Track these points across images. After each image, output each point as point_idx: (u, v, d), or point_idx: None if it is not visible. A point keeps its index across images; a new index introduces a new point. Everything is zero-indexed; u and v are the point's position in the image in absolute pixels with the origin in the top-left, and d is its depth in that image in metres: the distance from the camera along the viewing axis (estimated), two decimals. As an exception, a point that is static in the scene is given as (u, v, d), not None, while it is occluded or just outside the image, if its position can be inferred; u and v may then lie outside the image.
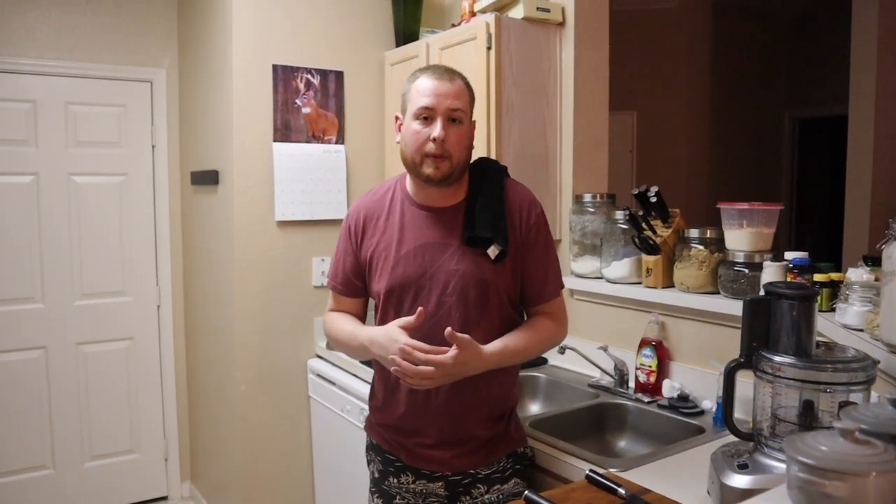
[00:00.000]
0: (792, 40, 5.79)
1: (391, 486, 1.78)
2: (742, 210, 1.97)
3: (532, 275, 1.73)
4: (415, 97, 1.64)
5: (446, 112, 1.62)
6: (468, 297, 1.65)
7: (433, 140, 1.60)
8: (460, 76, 1.69)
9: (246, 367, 2.94)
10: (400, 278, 1.68)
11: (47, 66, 3.25)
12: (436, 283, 1.66)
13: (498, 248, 1.65)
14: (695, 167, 5.14)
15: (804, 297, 1.35)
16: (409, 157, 1.65)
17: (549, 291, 1.76)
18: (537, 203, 1.76)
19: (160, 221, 3.57)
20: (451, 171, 1.64)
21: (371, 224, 1.76)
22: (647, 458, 1.74)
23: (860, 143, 3.86)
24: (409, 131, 1.65)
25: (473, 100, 1.72)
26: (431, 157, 1.61)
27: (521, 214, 1.71)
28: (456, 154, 1.63)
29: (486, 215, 1.66)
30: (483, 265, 1.66)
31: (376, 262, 1.73)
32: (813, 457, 0.93)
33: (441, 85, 1.63)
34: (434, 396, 1.67)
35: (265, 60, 2.86)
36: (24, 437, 3.31)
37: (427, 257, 1.67)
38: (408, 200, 1.74)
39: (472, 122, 1.71)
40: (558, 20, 2.54)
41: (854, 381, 1.28)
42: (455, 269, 1.66)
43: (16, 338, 3.28)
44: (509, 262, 1.68)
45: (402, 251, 1.69)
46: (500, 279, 1.68)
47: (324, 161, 2.99)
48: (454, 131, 1.63)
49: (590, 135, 2.60)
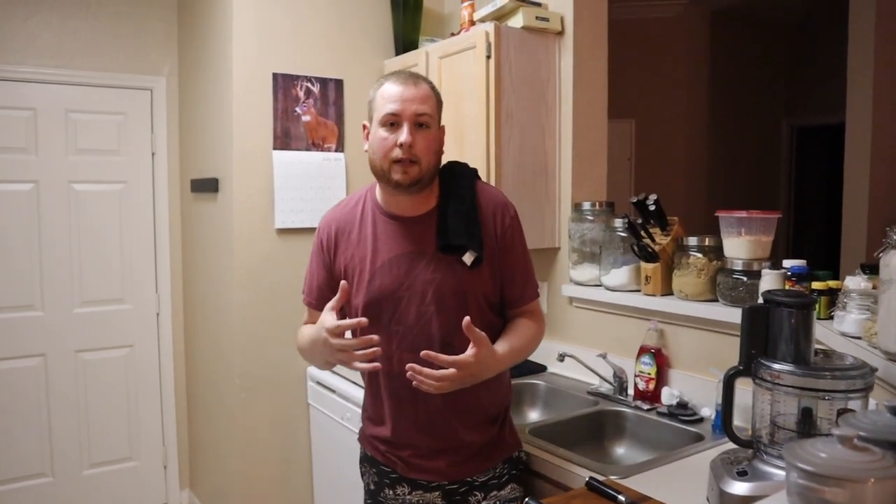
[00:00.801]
0: (790, 49, 5.81)
1: (387, 497, 1.77)
2: (740, 218, 1.98)
3: (512, 277, 1.72)
4: (380, 104, 1.62)
5: (412, 117, 1.60)
6: (448, 306, 1.63)
7: (400, 146, 1.58)
8: (426, 81, 1.67)
9: (245, 375, 2.94)
10: (377, 291, 1.66)
11: (47, 74, 3.26)
12: (414, 294, 1.64)
13: (473, 255, 1.63)
14: (693, 175, 5.16)
15: (802, 305, 1.35)
16: (378, 164, 1.63)
17: (529, 292, 1.75)
18: (510, 205, 1.74)
19: (160, 229, 3.58)
20: (420, 176, 1.61)
21: (343, 237, 1.74)
22: (647, 466, 1.74)
23: (857, 151, 3.87)
24: (377, 138, 1.62)
25: (441, 105, 1.70)
26: (399, 163, 1.59)
27: (496, 218, 1.70)
28: (425, 159, 1.61)
29: (458, 222, 1.64)
30: (460, 272, 1.65)
31: (351, 276, 1.70)
32: (812, 463, 0.93)
33: (406, 90, 1.61)
34: (422, 407, 1.66)
35: (265, 68, 2.88)
36: (23, 445, 3.31)
37: (403, 268, 1.66)
38: (378, 211, 1.71)
39: (441, 128, 1.69)
40: (557, 29, 2.55)
41: (852, 388, 1.29)
42: (432, 277, 1.64)
43: (15, 345, 3.28)
44: (487, 266, 1.67)
45: (377, 264, 1.67)
46: (479, 285, 1.67)
47: (323, 169, 3.00)
48: (422, 136, 1.61)
49: (589, 143, 2.61)
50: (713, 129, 5.28)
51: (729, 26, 5.29)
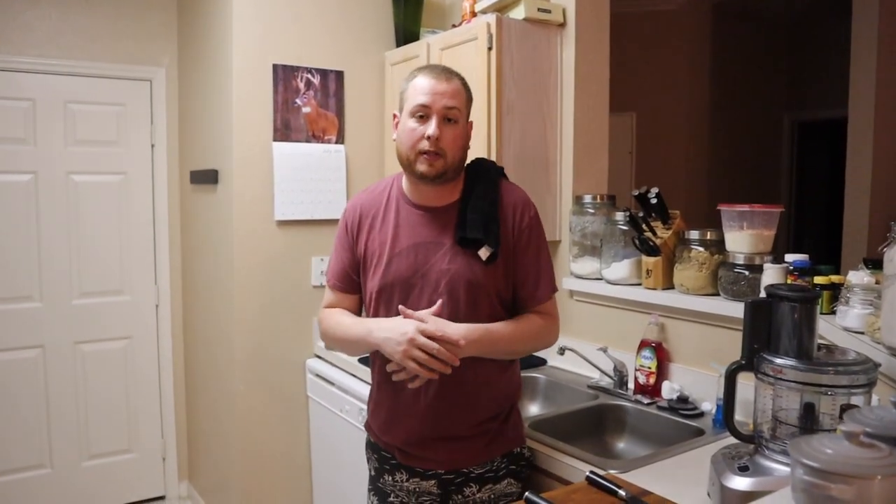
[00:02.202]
0: (792, 43, 5.79)
1: (386, 483, 1.80)
2: (742, 212, 1.97)
3: (524, 277, 1.73)
4: (412, 95, 1.66)
5: (442, 111, 1.63)
6: (458, 297, 1.66)
7: (427, 138, 1.62)
8: (458, 76, 1.70)
9: (244, 367, 2.93)
10: (392, 276, 1.69)
11: (46, 64, 3.24)
12: (427, 282, 1.67)
13: (489, 250, 1.66)
14: (694, 169, 5.15)
15: (806, 300, 1.34)
16: (404, 154, 1.67)
17: (541, 294, 1.75)
18: (531, 205, 1.76)
19: (159, 221, 3.57)
20: (444, 170, 1.65)
21: (367, 221, 1.77)
22: (647, 460, 1.74)
23: (860, 145, 3.86)
24: (405, 129, 1.66)
25: (471, 101, 1.74)
26: (425, 155, 1.63)
27: (515, 217, 1.72)
28: (450, 153, 1.65)
29: (477, 216, 1.67)
30: (475, 266, 1.67)
31: (371, 260, 1.74)
32: (818, 460, 0.92)
33: (438, 84, 1.64)
34: (423, 396, 1.68)
35: (265, 60, 2.86)
36: (22, 436, 3.31)
37: (420, 256, 1.69)
38: (403, 199, 1.76)
39: (469, 123, 1.73)
40: (559, 21, 2.54)
41: (855, 383, 1.28)
42: (447, 268, 1.67)
43: (13, 336, 3.27)
44: (502, 263, 1.69)
45: (396, 249, 1.70)
46: (492, 280, 1.68)
47: (324, 161, 2.98)
48: (449, 130, 1.64)
49: (590, 136, 2.60)
50: (715, 123, 5.26)
51: (731, 20, 5.27)
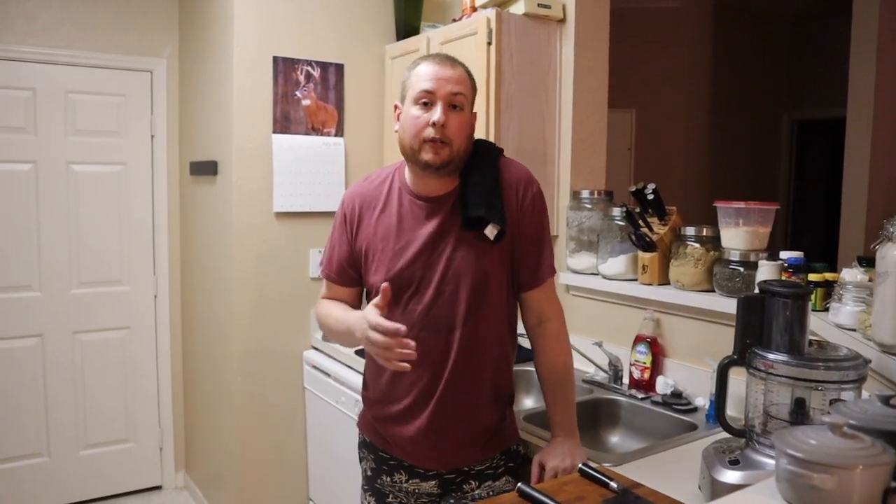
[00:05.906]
0: (792, 42, 5.79)
1: (384, 484, 1.76)
2: (739, 209, 1.98)
3: (528, 254, 1.68)
4: (415, 82, 1.60)
5: (447, 97, 1.57)
6: (467, 286, 1.62)
7: (433, 125, 1.56)
8: (462, 65, 1.66)
9: (242, 358, 2.94)
10: (398, 270, 1.65)
11: (47, 54, 3.25)
12: (434, 274, 1.63)
13: (496, 228, 1.61)
14: (692, 166, 5.16)
15: (798, 296, 1.35)
16: (408, 143, 1.61)
17: (543, 273, 1.71)
18: (534, 181, 1.71)
19: (158, 211, 3.57)
20: (450, 158, 1.59)
21: (367, 213, 1.72)
22: (640, 454, 1.75)
23: (858, 145, 3.87)
24: (408, 117, 1.60)
25: (475, 90, 1.68)
26: (430, 143, 1.57)
27: (518, 192, 1.67)
28: (456, 141, 1.59)
29: (478, 193, 1.62)
30: (482, 253, 1.63)
31: (372, 254, 1.69)
32: (801, 450, 0.94)
33: (442, 70, 1.59)
34: (433, 387, 1.65)
35: (266, 52, 2.87)
36: (20, 425, 3.32)
37: (425, 249, 1.64)
38: (405, 190, 1.70)
39: (474, 114, 1.67)
40: (559, 17, 2.54)
41: (845, 379, 1.29)
42: (453, 257, 1.63)
43: (12, 325, 3.29)
44: (508, 244, 1.65)
45: (401, 243, 1.66)
46: (499, 268, 1.65)
47: (323, 153, 2.99)
48: (455, 117, 1.59)
49: (588, 132, 2.61)
50: (713, 120, 5.27)
51: (731, 17, 5.27)
